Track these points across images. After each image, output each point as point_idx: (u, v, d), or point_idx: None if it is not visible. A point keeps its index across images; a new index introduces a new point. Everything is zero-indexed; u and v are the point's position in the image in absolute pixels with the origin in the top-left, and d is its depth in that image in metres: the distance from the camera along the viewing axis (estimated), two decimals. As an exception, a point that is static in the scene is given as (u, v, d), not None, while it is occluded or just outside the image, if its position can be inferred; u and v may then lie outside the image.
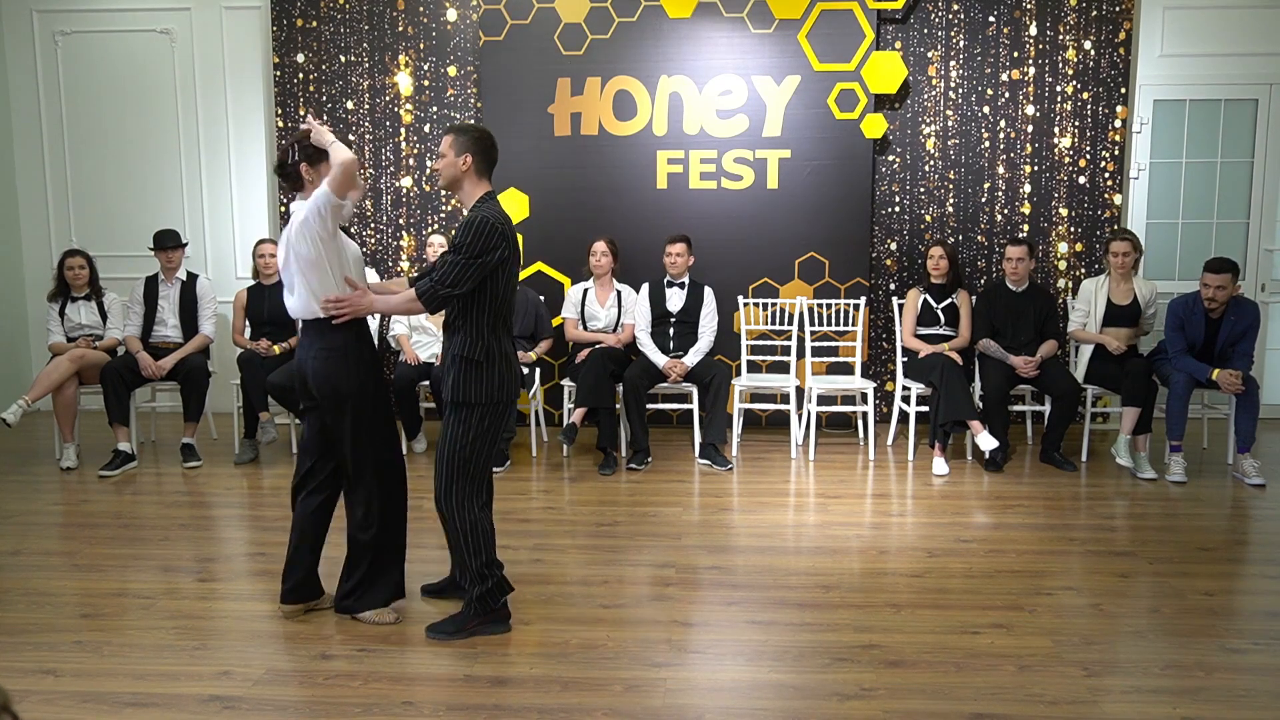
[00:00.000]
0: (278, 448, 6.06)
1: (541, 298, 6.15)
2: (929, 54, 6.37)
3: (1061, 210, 6.43)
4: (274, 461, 5.80)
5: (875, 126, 6.28)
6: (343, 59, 6.61)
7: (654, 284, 5.97)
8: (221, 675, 3.05)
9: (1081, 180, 6.39)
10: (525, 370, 5.65)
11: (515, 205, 6.46)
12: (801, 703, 2.87)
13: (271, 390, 5.62)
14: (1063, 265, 6.44)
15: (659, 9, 6.29)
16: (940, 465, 5.45)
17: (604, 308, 6.00)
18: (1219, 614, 3.51)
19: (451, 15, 6.52)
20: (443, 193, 6.64)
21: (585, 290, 6.06)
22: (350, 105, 6.63)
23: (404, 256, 6.71)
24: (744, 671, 3.08)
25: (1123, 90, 6.33)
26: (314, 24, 6.59)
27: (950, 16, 6.33)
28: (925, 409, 5.73)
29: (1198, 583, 3.81)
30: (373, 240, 6.72)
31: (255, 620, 3.49)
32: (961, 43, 6.35)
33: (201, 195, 6.99)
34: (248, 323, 6.08)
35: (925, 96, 6.40)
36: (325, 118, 6.63)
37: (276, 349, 5.89)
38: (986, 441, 5.34)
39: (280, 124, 6.67)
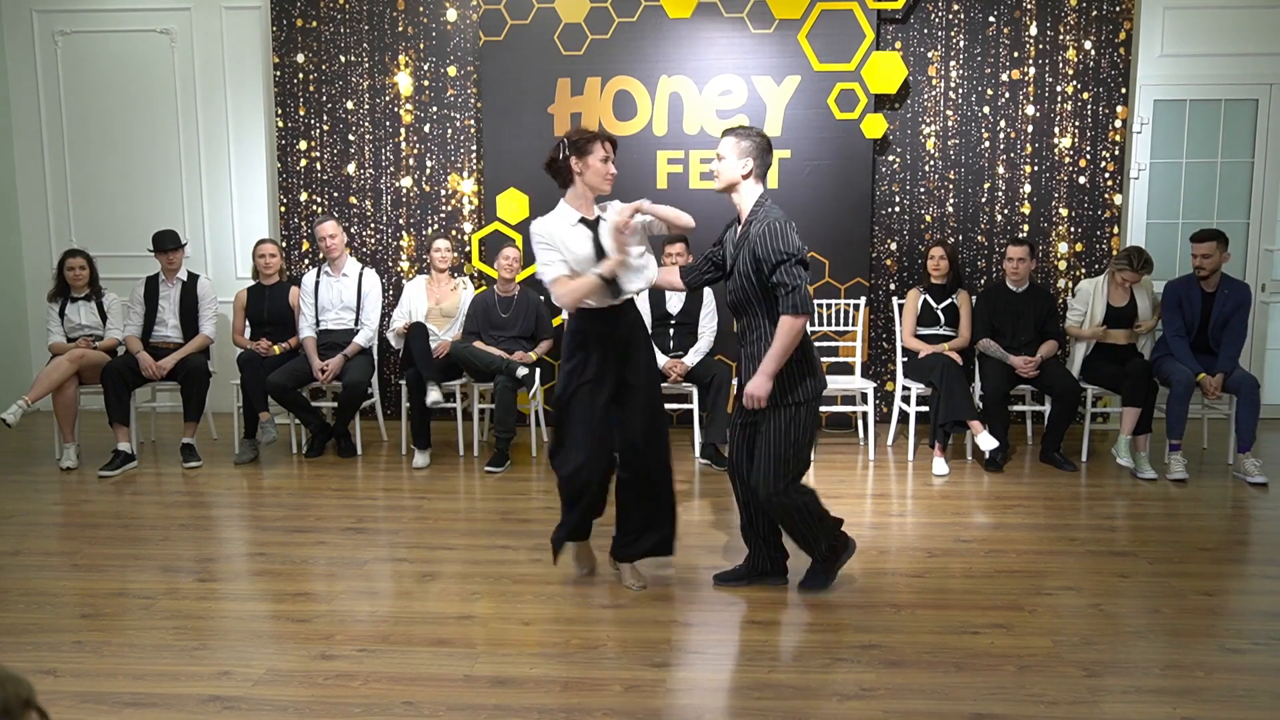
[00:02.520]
0: (277, 448, 6.06)
1: (542, 298, 6.15)
2: (929, 54, 6.37)
3: (1062, 210, 6.43)
4: (274, 462, 5.80)
5: (875, 126, 6.28)
6: (343, 59, 6.61)
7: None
8: (221, 675, 3.05)
9: (1082, 180, 6.39)
10: (525, 371, 5.65)
11: (515, 206, 6.46)
12: (802, 703, 2.87)
13: (272, 390, 5.62)
14: (1063, 265, 6.44)
15: (659, 9, 6.29)
16: (940, 465, 5.45)
17: (604, 308, 6.00)
18: (1219, 614, 3.51)
19: (451, 15, 6.52)
20: (442, 194, 6.64)
21: (585, 290, 6.05)
22: (350, 105, 6.63)
23: (404, 257, 6.71)
24: (744, 671, 3.08)
25: (1123, 90, 6.33)
26: (314, 24, 6.59)
27: (950, 16, 6.33)
28: (925, 409, 5.73)
29: (1198, 583, 3.81)
30: (373, 240, 6.71)
31: (255, 620, 3.49)
32: (961, 43, 6.35)
33: (201, 195, 6.99)
34: (248, 323, 6.08)
35: (925, 96, 6.40)
36: (325, 117, 6.63)
37: (276, 349, 5.89)
38: (986, 441, 5.34)
39: (280, 124, 6.67)
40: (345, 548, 4.26)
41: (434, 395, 5.58)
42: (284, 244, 6.71)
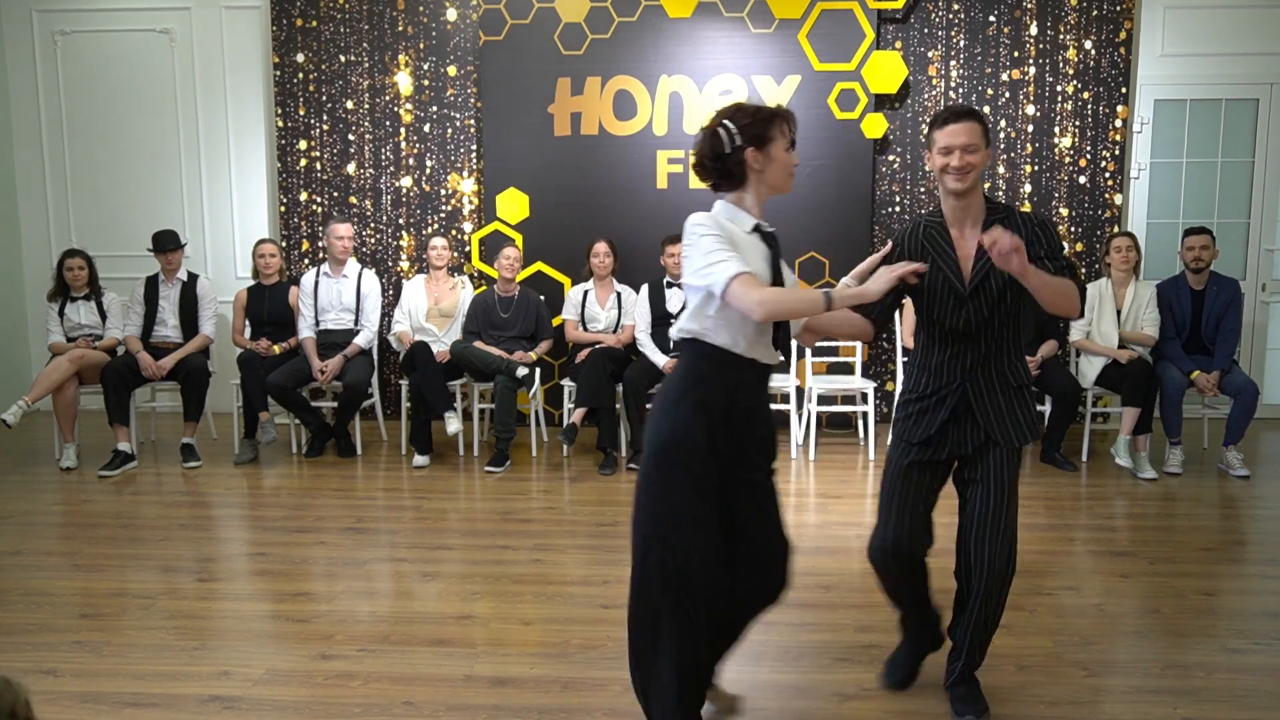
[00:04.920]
0: (277, 448, 6.06)
1: (542, 298, 6.14)
2: (929, 54, 6.36)
3: (1062, 210, 6.43)
4: (274, 462, 5.80)
5: (876, 126, 6.27)
6: (343, 59, 6.61)
7: (654, 285, 5.97)
8: (221, 675, 3.05)
9: (1082, 180, 6.38)
10: (525, 371, 5.64)
11: (515, 205, 6.46)
12: (802, 703, 2.87)
13: (272, 390, 5.62)
14: (1063, 265, 6.43)
15: (659, 9, 6.28)
16: (940, 465, 5.43)
17: (604, 309, 6.00)
18: (1220, 614, 3.50)
19: (451, 15, 6.52)
20: (442, 194, 6.64)
21: (585, 291, 6.06)
22: (350, 105, 6.63)
23: (404, 256, 6.71)
24: (744, 672, 3.07)
25: (1123, 90, 6.32)
26: (314, 24, 6.59)
27: (950, 16, 6.33)
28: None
29: (1198, 583, 3.81)
30: (372, 240, 6.71)
31: (255, 620, 3.49)
32: (962, 42, 6.35)
33: (201, 195, 6.99)
34: (248, 323, 6.08)
35: (925, 96, 6.40)
36: (325, 117, 6.63)
37: (277, 349, 5.89)
38: (987, 441, 5.32)
39: (280, 124, 6.67)
40: (345, 548, 4.26)
41: (454, 426, 5.58)
42: (284, 244, 6.71)
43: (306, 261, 6.72)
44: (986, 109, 6.37)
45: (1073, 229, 6.42)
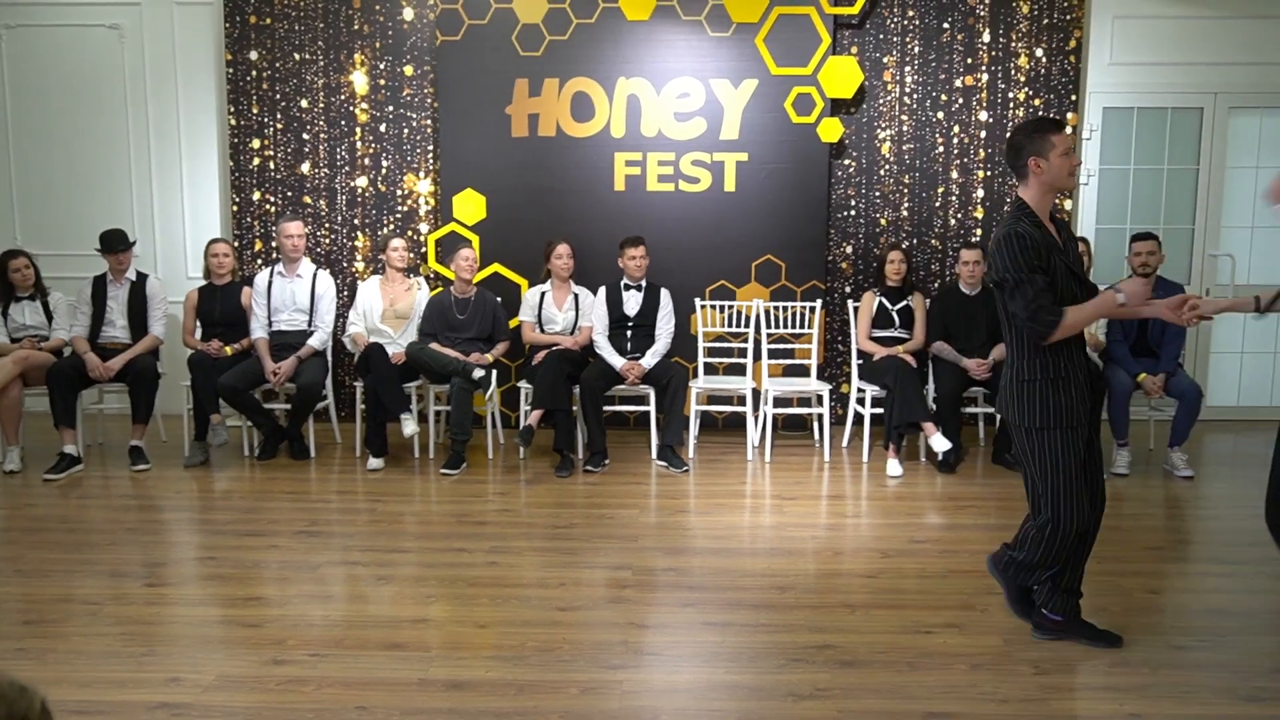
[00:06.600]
0: (229, 451, 5.97)
1: (499, 299, 6.12)
2: (884, 59, 6.43)
3: (1013, 215, 6.52)
4: (225, 465, 5.71)
5: (831, 131, 6.33)
6: (297, 56, 6.53)
7: (611, 287, 5.97)
8: (170, 682, 3.00)
9: (1033, 186, 6.47)
10: (482, 372, 5.62)
11: (472, 207, 6.43)
12: (757, 704, 2.89)
13: (223, 392, 5.54)
14: (1015, 269, 6.52)
15: (617, 11, 6.29)
16: (894, 467, 5.50)
17: (561, 310, 5.99)
18: (1165, 612, 3.58)
19: (408, 14, 6.47)
20: (398, 194, 6.59)
21: (543, 293, 6.04)
22: (305, 104, 6.56)
23: (359, 257, 6.65)
24: (700, 673, 3.09)
25: (1073, 97, 6.44)
26: (268, 21, 6.51)
27: (905, 22, 6.40)
28: (880, 411, 5.79)
29: (1144, 581, 3.88)
30: (327, 241, 6.64)
31: (205, 625, 3.43)
32: (917, 48, 6.42)
33: (152, 194, 6.87)
34: (199, 323, 5.99)
35: (881, 101, 6.47)
36: (279, 115, 6.55)
37: (229, 350, 5.81)
38: (940, 443, 5.40)
39: (233, 122, 6.58)
40: (298, 551, 4.21)
41: (410, 429, 5.54)
42: (237, 244, 6.61)
43: (260, 262, 6.62)
44: (940, 115, 6.46)
45: (1024, 234, 6.52)
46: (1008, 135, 3.61)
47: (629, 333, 5.88)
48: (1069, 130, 3.15)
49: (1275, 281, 6.67)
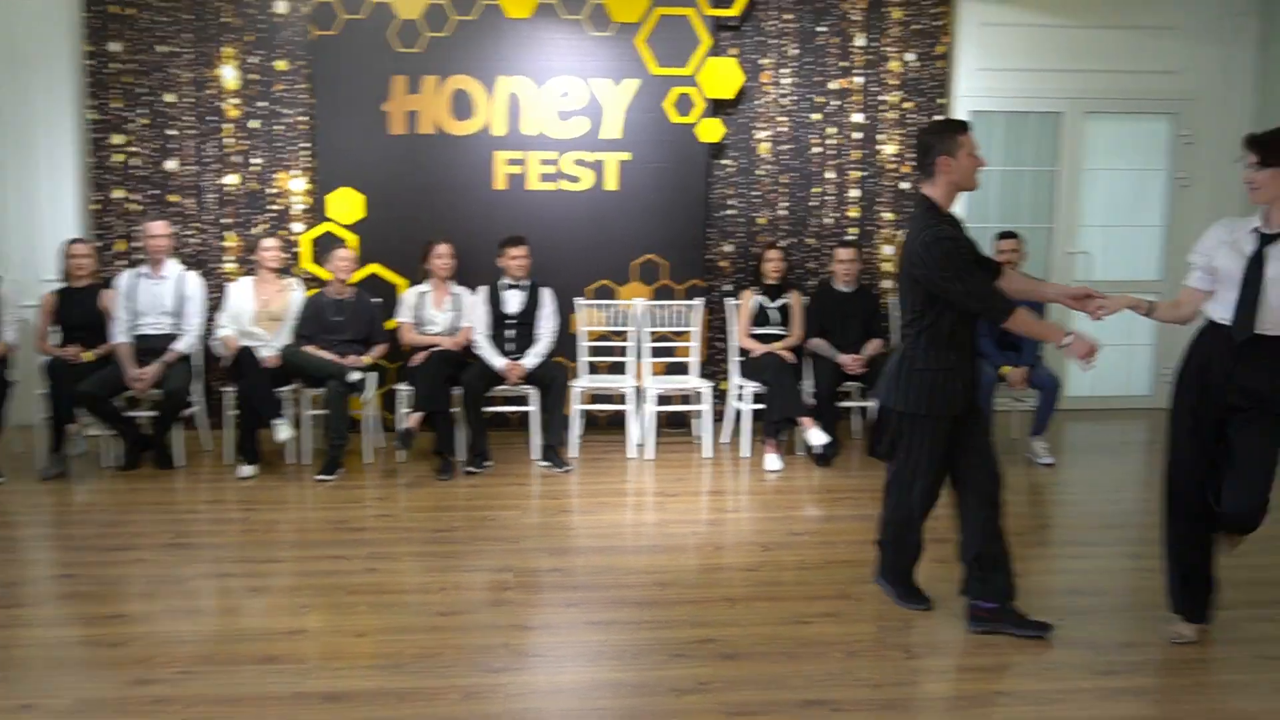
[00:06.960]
0: (88, 462, 5.68)
1: (380, 300, 6.00)
2: (762, 61, 6.55)
3: (886, 215, 6.73)
4: (84, 477, 5.42)
5: (711, 131, 6.41)
6: (161, 49, 6.26)
7: (492, 286, 5.92)
8: (22, 709, 2.84)
9: (904, 186, 6.70)
10: (359, 375, 5.50)
11: (350, 206, 6.27)
12: (639, 700, 2.91)
13: (81, 400, 5.27)
14: (887, 267, 6.74)
15: (497, 8, 6.23)
16: (773, 461, 5.61)
17: (441, 310, 5.91)
18: (1026, 593, 3.73)
19: (281, 7, 6.26)
20: (268, 191, 6.38)
21: (421, 293, 5.94)
22: (170, 98, 6.28)
23: (228, 257, 6.41)
24: (583, 672, 3.09)
25: (941, 101, 6.68)
26: (131, 10, 6.20)
27: (783, 25, 6.53)
28: (760, 407, 5.89)
29: (1009, 566, 4.06)
30: (195, 240, 6.38)
31: (62, 647, 3.26)
32: (794, 51, 6.56)
33: (4, 191, 6.47)
34: (58, 328, 5.68)
35: (759, 102, 6.58)
36: (143, 110, 6.26)
37: (88, 355, 5.53)
38: (817, 437, 5.53)
39: (94, 116, 6.26)
40: (165, 564, 4.04)
41: (283, 434, 5.37)
42: (97, 244, 6.29)
43: (125, 263, 6.31)
44: (817, 116, 6.60)
45: (896, 233, 6.73)
46: (916, 135, 3.82)
47: (510, 332, 5.83)
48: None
49: (1127, 276, 7.06)
